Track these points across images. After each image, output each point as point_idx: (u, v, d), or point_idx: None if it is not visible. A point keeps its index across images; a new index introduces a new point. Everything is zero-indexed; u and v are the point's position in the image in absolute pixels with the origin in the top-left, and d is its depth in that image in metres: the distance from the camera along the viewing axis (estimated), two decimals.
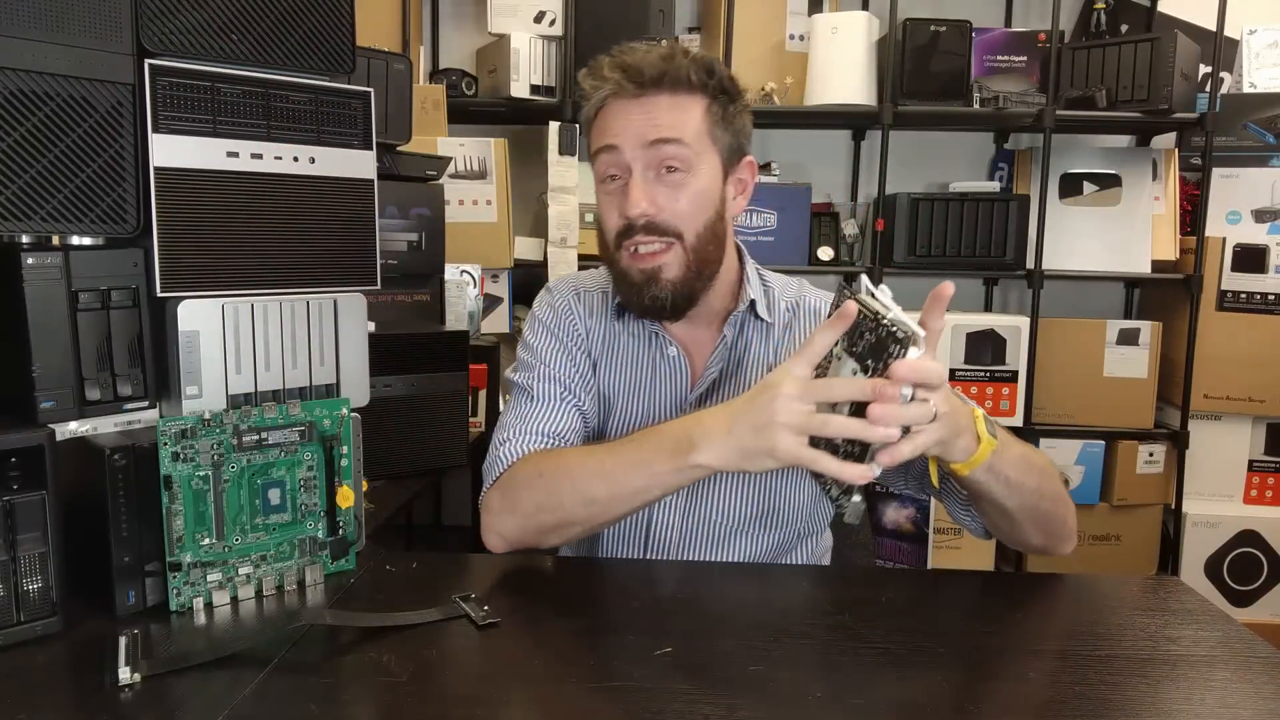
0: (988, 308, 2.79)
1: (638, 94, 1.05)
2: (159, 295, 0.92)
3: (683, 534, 1.13)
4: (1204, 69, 2.56)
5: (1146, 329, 2.49)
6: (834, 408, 0.86)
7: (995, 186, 2.64)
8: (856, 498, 0.88)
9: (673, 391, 1.14)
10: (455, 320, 2.01)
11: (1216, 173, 2.50)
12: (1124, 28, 2.69)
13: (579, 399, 1.13)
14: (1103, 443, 2.52)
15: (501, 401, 1.97)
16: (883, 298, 0.86)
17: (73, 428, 0.89)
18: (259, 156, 0.98)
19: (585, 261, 2.39)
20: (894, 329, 0.81)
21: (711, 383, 1.13)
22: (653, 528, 1.13)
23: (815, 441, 0.86)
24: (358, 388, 1.07)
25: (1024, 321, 2.43)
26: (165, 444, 0.86)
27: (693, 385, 1.14)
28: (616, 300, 1.15)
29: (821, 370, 0.89)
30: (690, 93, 1.06)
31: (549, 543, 1.05)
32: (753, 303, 1.14)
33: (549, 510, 1.00)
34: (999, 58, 2.52)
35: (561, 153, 2.34)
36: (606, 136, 1.06)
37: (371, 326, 1.11)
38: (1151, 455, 2.51)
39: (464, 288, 2.06)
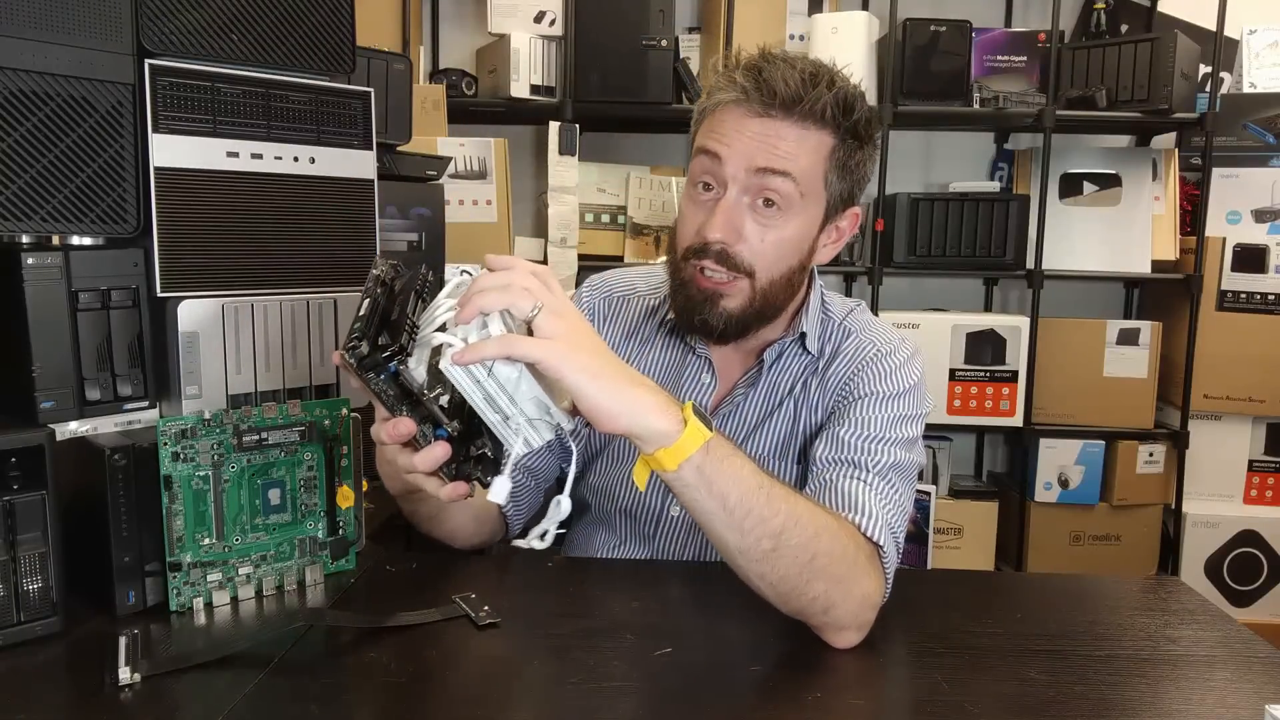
0: (988, 308, 2.79)
1: (762, 112, 0.95)
2: (159, 295, 0.92)
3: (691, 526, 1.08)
4: (1204, 69, 2.56)
5: (1146, 329, 2.48)
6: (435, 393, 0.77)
7: (995, 186, 2.64)
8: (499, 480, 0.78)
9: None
10: None
11: (1216, 173, 2.50)
12: (1124, 28, 2.69)
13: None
14: (1103, 443, 2.52)
15: None
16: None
17: (73, 428, 0.89)
18: (259, 156, 0.98)
19: (585, 262, 2.39)
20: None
21: (735, 405, 1.08)
22: (662, 521, 1.09)
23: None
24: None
25: (1024, 321, 2.43)
26: (165, 444, 0.86)
27: (716, 405, 1.09)
28: (655, 304, 1.12)
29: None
30: (820, 128, 0.96)
31: None
32: (803, 335, 1.06)
33: None
34: (999, 58, 2.51)
35: (561, 153, 2.34)
36: (713, 141, 0.97)
37: None
38: (1151, 455, 2.51)
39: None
